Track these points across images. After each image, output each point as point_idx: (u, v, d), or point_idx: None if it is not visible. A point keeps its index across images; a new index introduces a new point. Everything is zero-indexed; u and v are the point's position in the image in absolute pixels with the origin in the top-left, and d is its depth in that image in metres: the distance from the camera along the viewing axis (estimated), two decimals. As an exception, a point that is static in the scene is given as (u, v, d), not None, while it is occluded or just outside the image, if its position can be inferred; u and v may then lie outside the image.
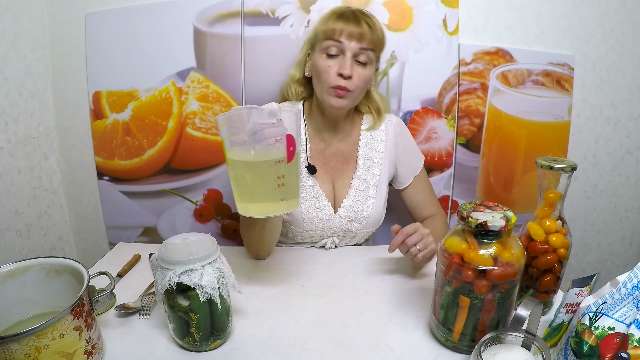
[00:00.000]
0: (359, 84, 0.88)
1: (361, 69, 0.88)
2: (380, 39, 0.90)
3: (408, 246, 0.80)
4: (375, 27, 0.87)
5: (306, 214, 0.95)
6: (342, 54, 0.87)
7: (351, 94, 0.89)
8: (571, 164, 0.65)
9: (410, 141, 1.05)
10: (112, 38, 1.14)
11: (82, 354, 0.56)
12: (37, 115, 1.12)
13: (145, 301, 0.75)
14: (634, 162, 1.33)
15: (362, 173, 0.98)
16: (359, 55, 0.87)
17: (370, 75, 0.91)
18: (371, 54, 0.88)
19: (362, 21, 0.86)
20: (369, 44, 0.87)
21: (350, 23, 0.85)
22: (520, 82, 1.20)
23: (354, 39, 0.85)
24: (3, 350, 0.49)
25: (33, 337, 0.50)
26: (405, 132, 1.05)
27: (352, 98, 0.90)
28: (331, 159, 0.99)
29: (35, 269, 0.63)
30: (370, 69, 0.90)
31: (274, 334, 0.68)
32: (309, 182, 0.96)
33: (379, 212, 1.00)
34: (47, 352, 0.51)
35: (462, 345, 0.62)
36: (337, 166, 0.99)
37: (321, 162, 0.98)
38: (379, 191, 0.99)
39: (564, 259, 0.68)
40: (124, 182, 1.23)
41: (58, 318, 0.52)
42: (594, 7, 1.17)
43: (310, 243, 1.01)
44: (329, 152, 0.99)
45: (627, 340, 0.49)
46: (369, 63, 0.89)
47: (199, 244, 0.61)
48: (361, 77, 0.88)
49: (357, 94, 0.91)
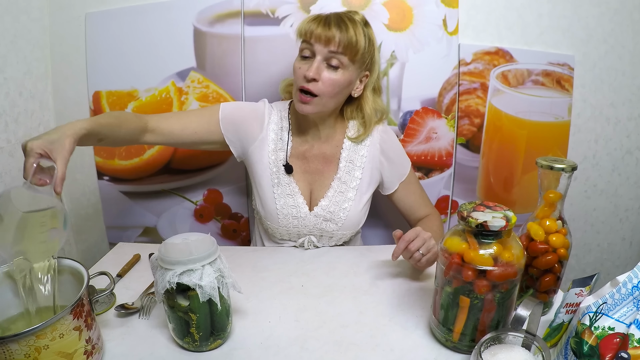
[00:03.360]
0: (326, 89, 0.86)
1: (331, 73, 0.86)
2: (353, 44, 0.84)
3: (411, 252, 0.79)
4: (347, 31, 0.83)
5: (280, 210, 0.96)
6: (314, 56, 0.86)
7: (318, 99, 0.87)
8: (571, 164, 0.65)
9: (396, 148, 1.02)
10: (112, 38, 1.14)
11: (82, 354, 0.56)
12: (37, 115, 1.12)
13: (145, 301, 0.75)
14: (634, 162, 1.33)
15: (342, 175, 0.97)
16: (331, 59, 0.85)
17: (342, 81, 0.87)
18: (343, 58, 0.85)
19: (333, 25, 0.83)
20: (339, 47, 0.84)
21: (320, 26, 0.84)
22: (520, 82, 1.20)
23: (322, 42, 0.84)
24: (3, 351, 0.49)
25: (33, 338, 0.50)
26: (392, 138, 1.02)
27: (318, 104, 0.88)
28: (313, 160, 0.99)
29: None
30: (342, 74, 0.86)
31: (274, 334, 0.68)
32: (285, 180, 0.96)
33: (357, 216, 0.99)
34: (47, 352, 0.51)
35: (462, 345, 0.62)
36: (319, 167, 0.99)
37: (302, 162, 0.99)
38: (358, 194, 0.98)
39: (564, 259, 0.68)
40: (124, 182, 1.23)
41: (58, 318, 0.52)
42: (594, 7, 1.17)
43: (289, 241, 1.02)
44: (310, 153, 0.99)
45: (627, 341, 0.49)
46: (341, 67, 0.86)
47: (199, 244, 0.61)
48: (329, 81, 0.86)
49: (326, 100, 0.88)
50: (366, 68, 0.92)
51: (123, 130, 0.82)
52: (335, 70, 0.86)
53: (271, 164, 0.97)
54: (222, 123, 0.94)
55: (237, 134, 0.96)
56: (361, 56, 0.87)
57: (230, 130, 0.95)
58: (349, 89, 0.92)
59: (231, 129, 0.95)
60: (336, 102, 0.92)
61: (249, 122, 0.96)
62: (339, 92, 0.89)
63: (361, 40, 0.85)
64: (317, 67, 0.85)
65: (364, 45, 0.86)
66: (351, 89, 0.92)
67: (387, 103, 1.19)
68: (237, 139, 0.97)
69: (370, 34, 0.90)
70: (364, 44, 0.86)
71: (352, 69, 0.88)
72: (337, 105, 0.93)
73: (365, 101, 0.96)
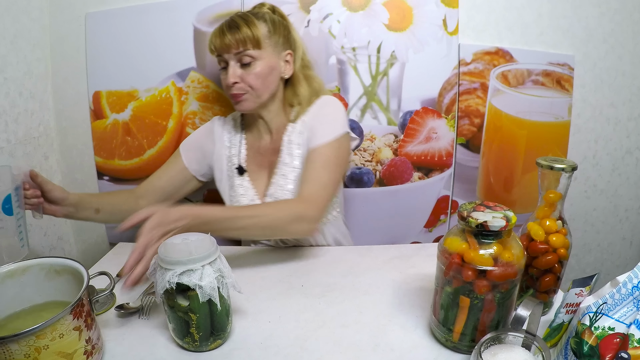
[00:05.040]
0: (252, 83, 0.89)
1: (248, 69, 0.89)
2: (250, 37, 0.87)
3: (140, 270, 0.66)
4: (241, 30, 0.87)
5: None
6: (227, 64, 0.90)
7: (249, 94, 0.91)
8: (571, 164, 0.65)
9: (323, 114, 0.95)
10: (112, 38, 1.14)
11: (81, 354, 0.56)
12: (37, 115, 1.12)
13: (145, 301, 0.75)
14: (634, 162, 1.33)
15: (285, 157, 0.96)
16: (241, 58, 0.89)
17: (261, 71, 0.89)
18: (250, 52, 0.88)
19: (227, 31, 0.87)
20: (239, 47, 0.87)
21: (218, 37, 0.88)
22: (520, 82, 1.20)
23: (225, 49, 0.88)
24: (3, 351, 0.49)
25: (33, 338, 0.50)
26: (326, 105, 0.97)
27: (252, 98, 0.91)
28: (266, 154, 1.00)
29: (35, 269, 0.62)
30: (259, 64, 0.89)
31: (273, 334, 0.68)
32: (238, 182, 0.99)
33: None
34: (47, 353, 0.51)
35: (462, 346, 0.62)
36: (272, 159, 0.99)
37: (258, 159, 1.00)
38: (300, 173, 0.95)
39: (564, 259, 0.68)
40: (124, 182, 1.23)
41: (58, 318, 0.51)
42: (594, 7, 1.17)
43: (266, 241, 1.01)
44: (264, 148, 1.00)
45: (627, 341, 0.49)
46: (254, 60, 0.89)
47: (198, 244, 0.61)
48: (251, 76, 0.89)
49: (259, 92, 0.91)
50: (285, 48, 0.94)
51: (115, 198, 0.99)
52: (250, 65, 0.89)
53: (228, 170, 1.01)
54: (183, 157, 1.02)
55: (199, 160, 1.03)
56: (268, 41, 0.90)
57: (192, 158, 1.02)
58: (275, 74, 0.93)
59: (192, 156, 1.02)
60: (269, 90, 0.93)
61: (203, 141, 1.04)
62: (265, 81, 0.91)
63: (258, 30, 0.88)
64: (233, 72, 0.89)
65: (267, 32, 0.90)
66: (279, 72, 0.94)
67: (387, 103, 1.19)
68: (202, 165, 1.04)
69: (273, 18, 0.92)
70: (266, 30, 0.90)
71: (266, 55, 0.90)
72: (271, 92, 0.94)
73: (297, 80, 0.98)
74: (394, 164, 1.23)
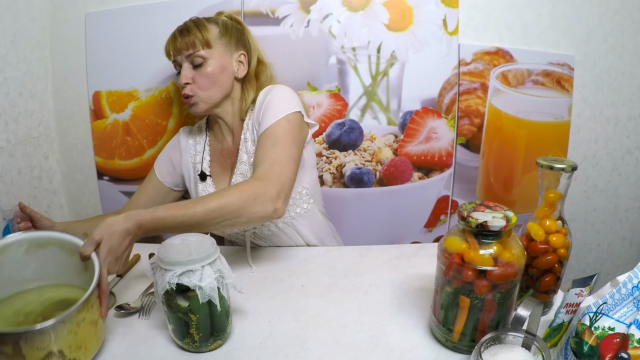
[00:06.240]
0: (202, 84, 0.91)
1: (200, 69, 0.91)
2: (200, 39, 0.90)
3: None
4: (190, 32, 0.90)
5: None
6: (181, 66, 0.92)
7: (198, 97, 0.92)
8: (571, 164, 0.65)
9: (267, 101, 0.91)
10: (112, 38, 1.14)
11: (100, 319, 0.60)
12: (37, 115, 1.12)
13: (145, 301, 0.75)
14: (634, 162, 1.33)
15: (242, 156, 0.96)
16: (192, 60, 0.91)
17: (212, 71, 0.91)
18: (200, 53, 0.90)
19: (178, 36, 0.90)
20: (189, 49, 0.90)
21: (171, 43, 0.92)
22: (520, 82, 1.20)
23: (177, 53, 0.91)
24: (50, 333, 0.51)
25: (74, 313, 0.53)
26: (267, 95, 0.93)
27: (201, 100, 0.92)
28: (229, 155, 1.01)
29: (13, 246, 0.63)
30: (209, 64, 0.91)
31: (273, 334, 0.68)
32: (201, 187, 1.00)
33: None
34: (84, 325, 0.55)
35: (462, 346, 0.62)
36: (234, 160, 0.99)
37: (221, 162, 1.01)
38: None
39: (564, 259, 0.68)
40: (124, 182, 1.23)
41: (93, 290, 0.55)
42: (594, 7, 1.17)
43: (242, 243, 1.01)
44: (226, 150, 1.01)
45: (627, 341, 0.49)
46: (205, 61, 0.91)
47: (198, 244, 0.61)
48: (202, 77, 0.91)
49: (210, 94, 0.92)
50: (238, 49, 0.95)
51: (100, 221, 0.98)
52: (201, 66, 0.91)
53: (194, 177, 1.02)
54: (157, 173, 1.05)
55: (170, 173, 1.06)
56: (219, 41, 0.92)
57: (165, 172, 1.05)
58: (227, 74, 0.94)
59: (164, 170, 1.05)
60: (222, 90, 0.94)
61: (171, 154, 1.06)
62: (217, 80, 0.92)
63: (209, 31, 0.91)
64: (185, 73, 0.91)
65: (217, 33, 0.92)
66: (232, 72, 0.94)
67: (387, 103, 1.19)
68: (174, 177, 1.06)
69: (225, 21, 0.95)
70: (217, 31, 0.92)
71: (217, 54, 0.92)
72: (225, 92, 0.95)
73: (248, 80, 0.97)
74: (394, 164, 1.23)
